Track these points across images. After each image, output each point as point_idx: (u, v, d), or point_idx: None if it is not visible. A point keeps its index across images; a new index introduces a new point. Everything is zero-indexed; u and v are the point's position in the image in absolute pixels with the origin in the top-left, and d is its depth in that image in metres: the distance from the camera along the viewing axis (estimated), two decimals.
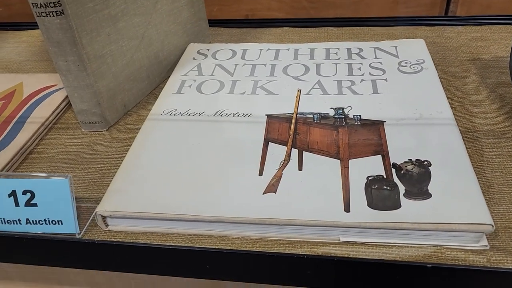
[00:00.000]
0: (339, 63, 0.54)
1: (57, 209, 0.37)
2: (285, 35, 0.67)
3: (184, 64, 0.57)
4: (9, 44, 0.72)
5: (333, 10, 1.50)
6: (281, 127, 0.45)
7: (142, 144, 0.44)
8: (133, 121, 0.52)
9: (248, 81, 0.53)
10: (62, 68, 0.46)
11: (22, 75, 0.61)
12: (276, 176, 0.39)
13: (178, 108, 0.49)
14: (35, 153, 0.49)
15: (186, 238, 0.37)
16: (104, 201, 0.38)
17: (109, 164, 0.46)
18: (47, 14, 0.42)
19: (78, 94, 0.48)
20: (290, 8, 1.53)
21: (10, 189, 0.37)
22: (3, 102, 0.55)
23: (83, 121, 0.50)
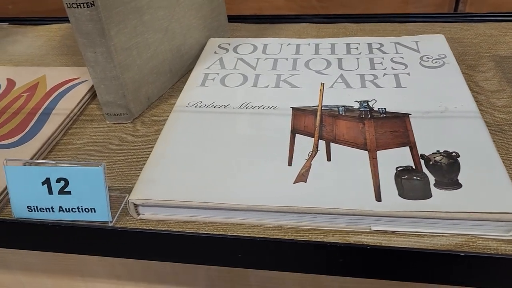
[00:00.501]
0: (360, 57, 0.55)
1: (90, 197, 0.38)
2: (304, 31, 0.67)
3: (206, 58, 0.57)
4: (29, 38, 0.73)
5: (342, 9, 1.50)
6: (307, 119, 0.45)
7: (170, 134, 0.45)
8: (157, 113, 0.52)
9: (271, 75, 0.53)
10: (90, 60, 0.47)
11: (44, 68, 0.62)
12: (305, 166, 0.40)
13: (203, 100, 0.49)
14: (61, 144, 0.49)
15: (218, 227, 0.37)
16: (136, 190, 0.38)
17: (136, 155, 0.46)
18: (78, 5, 0.43)
19: (104, 86, 0.48)
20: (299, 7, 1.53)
21: (44, 177, 0.38)
22: (27, 94, 0.56)
23: (108, 113, 0.51)
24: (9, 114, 0.52)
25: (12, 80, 0.59)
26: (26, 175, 0.38)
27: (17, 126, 0.50)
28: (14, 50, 0.69)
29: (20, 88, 0.57)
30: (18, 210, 0.39)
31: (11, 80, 0.59)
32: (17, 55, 0.68)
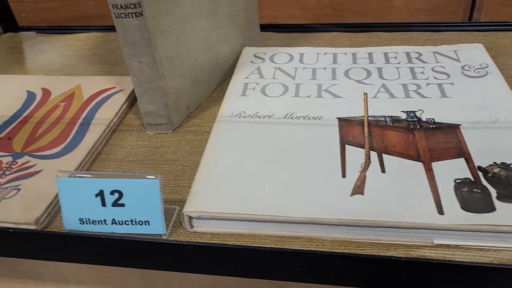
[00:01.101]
0: (400, 67, 0.54)
1: (145, 209, 0.37)
2: (336, 40, 0.67)
3: (243, 67, 0.57)
4: (58, 47, 0.73)
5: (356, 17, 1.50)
6: (354, 130, 0.45)
7: (217, 145, 0.44)
8: (197, 123, 0.52)
9: (311, 85, 0.53)
10: (135, 69, 0.46)
11: (78, 77, 0.61)
12: (360, 178, 0.39)
13: (246, 110, 0.49)
14: (103, 155, 0.49)
15: (275, 240, 0.37)
16: (190, 202, 0.38)
17: (181, 166, 0.46)
18: (126, 15, 0.43)
19: (147, 96, 0.48)
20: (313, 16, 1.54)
21: (98, 189, 0.37)
22: (64, 104, 0.55)
23: (149, 123, 0.50)
24: (48, 124, 0.52)
25: (47, 89, 0.58)
26: (79, 187, 0.38)
27: (58, 136, 0.50)
28: (45, 59, 0.69)
29: (56, 98, 0.57)
30: (70, 223, 0.39)
31: (46, 90, 0.58)
32: (48, 64, 0.68)
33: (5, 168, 0.46)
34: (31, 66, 0.68)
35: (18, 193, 0.42)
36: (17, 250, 0.40)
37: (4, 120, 0.53)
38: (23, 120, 0.53)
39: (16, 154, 0.47)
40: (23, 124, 0.52)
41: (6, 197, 0.42)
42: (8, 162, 0.46)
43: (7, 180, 0.44)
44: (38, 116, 0.54)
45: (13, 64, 0.68)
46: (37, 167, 0.45)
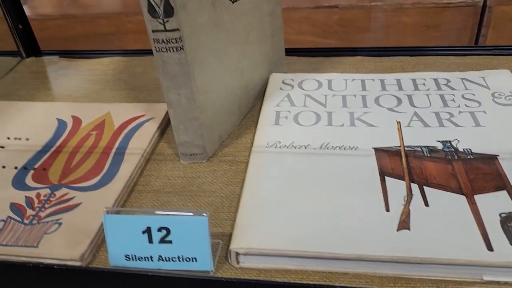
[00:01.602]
0: (430, 94, 0.55)
1: (192, 246, 0.37)
2: (360, 64, 0.67)
3: (273, 95, 0.57)
4: (82, 72, 0.73)
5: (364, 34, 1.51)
6: (392, 161, 0.45)
7: (256, 177, 0.44)
8: (231, 152, 0.52)
9: (343, 113, 0.53)
10: (173, 101, 0.47)
11: (107, 104, 0.62)
12: (404, 212, 0.39)
13: (281, 140, 0.49)
14: (139, 185, 0.49)
15: (323, 276, 0.37)
16: (237, 238, 0.38)
17: (219, 198, 0.46)
18: (168, 49, 0.43)
19: (183, 126, 0.48)
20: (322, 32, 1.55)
21: (145, 226, 0.37)
22: (96, 133, 0.56)
23: (184, 153, 0.51)
24: (82, 154, 0.52)
25: (77, 117, 0.59)
26: (126, 223, 0.38)
27: (94, 167, 0.50)
28: (70, 84, 0.69)
29: (87, 126, 0.57)
30: (115, 259, 0.39)
31: (76, 118, 0.59)
32: (75, 90, 0.68)
33: (43, 201, 0.46)
34: (58, 92, 0.68)
35: (60, 228, 0.42)
36: (62, 287, 0.40)
37: (37, 150, 0.53)
38: (57, 149, 0.53)
39: (54, 186, 0.48)
40: (57, 154, 0.53)
41: (48, 232, 0.42)
42: (46, 194, 0.47)
43: (47, 214, 0.44)
44: (71, 145, 0.54)
45: (39, 90, 0.69)
46: (76, 199, 0.46)
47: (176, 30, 0.42)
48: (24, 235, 0.42)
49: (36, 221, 0.43)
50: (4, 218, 0.44)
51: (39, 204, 0.45)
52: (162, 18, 0.41)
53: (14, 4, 0.74)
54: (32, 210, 0.45)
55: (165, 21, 0.41)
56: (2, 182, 0.49)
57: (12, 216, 0.44)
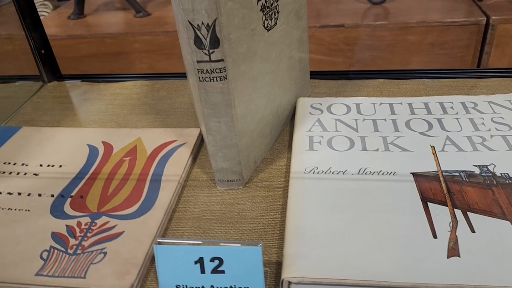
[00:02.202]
0: (459, 118, 0.56)
1: (245, 276, 0.37)
2: (383, 87, 0.68)
3: (303, 120, 0.58)
4: (106, 96, 0.73)
5: (369, 52, 1.54)
6: (432, 186, 0.45)
7: (299, 205, 0.45)
8: (266, 178, 0.52)
9: (375, 137, 0.54)
10: (212, 129, 0.47)
11: (137, 130, 0.62)
12: (451, 238, 0.40)
13: (318, 166, 0.50)
14: (178, 212, 0.49)
15: None
16: (288, 266, 0.38)
17: (261, 224, 0.46)
18: (211, 79, 0.44)
19: (222, 153, 0.49)
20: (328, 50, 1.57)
21: (197, 256, 0.38)
22: (128, 159, 0.56)
23: (221, 179, 0.51)
24: (117, 180, 0.52)
25: (108, 143, 0.59)
26: (178, 254, 0.38)
27: (131, 194, 0.50)
28: (96, 109, 0.70)
29: (120, 152, 0.57)
30: None
31: (107, 144, 0.59)
32: (101, 115, 0.68)
33: (85, 230, 0.46)
34: (84, 117, 0.68)
35: (105, 257, 0.42)
36: None
37: (72, 177, 0.54)
38: (91, 177, 0.53)
39: (94, 214, 0.48)
40: (93, 181, 0.53)
41: (94, 262, 0.42)
42: (87, 223, 0.47)
43: (91, 243, 0.44)
44: (106, 172, 0.54)
45: (65, 115, 0.69)
46: (118, 228, 0.46)
47: (220, 61, 0.43)
48: (70, 266, 0.42)
49: (80, 250, 0.43)
50: (47, 248, 0.44)
51: (81, 233, 0.45)
52: (208, 49, 0.42)
53: (37, 29, 0.75)
54: (75, 240, 0.45)
55: (210, 52, 0.42)
56: (40, 210, 0.49)
57: (55, 246, 0.44)
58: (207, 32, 0.41)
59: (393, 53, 1.51)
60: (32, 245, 0.44)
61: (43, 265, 0.42)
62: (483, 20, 1.32)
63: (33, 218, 0.48)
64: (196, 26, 0.41)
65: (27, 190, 0.52)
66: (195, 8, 0.40)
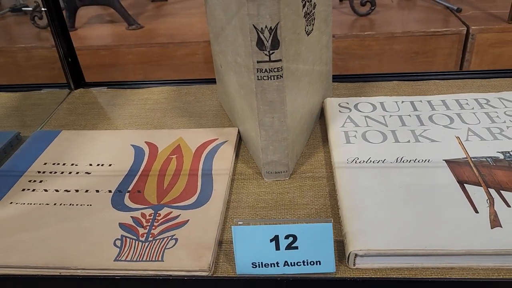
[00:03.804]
0: (476, 112, 0.62)
1: (317, 250, 0.41)
2: (398, 88, 0.74)
3: (334, 117, 0.63)
4: (135, 102, 0.76)
5: (358, 61, 1.61)
6: (465, 171, 0.51)
7: (350, 189, 0.49)
8: (309, 169, 0.57)
9: (404, 131, 0.59)
10: (266, 124, 0.51)
11: (176, 130, 0.65)
12: (491, 212, 0.45)
13: (359, 156, 0.54)
14: (233, 202, 0.52)
15: (433, 271, 0.41)
16: (352, 241, 0.42)
17: (313, 210, 0.50)
18: (269, 77, 0.48)
19: (273, 147, 0.53)
20: None
21: (273, 234, 0.41)
22: (175, 156, 0.59)
23: (269, 171, 0.55)
24: (170, 176, 0.56)
25: (152, 143, 0.62)
26: (255, 233, 0.42)
27: (187, 188, 0.53)
28: (128, 113, 0.73)
29: (165, 151, 0.61)
30: (242, 267, 0.42)
31: (151, 144, 0.62)
32: (135, 118, 0.71)
33: (151, 220, 0.49)
34: (119, 120, 0.71)
35: (177, 243, 0.45)
36: None
37: (124, 175, 0.56)
38: (143, 173, 0.56)
39: (155, 206, 0.51)
40: (145, 178, 0.56)
41: (168, 247, 0.45)
42: (151, 214, 0.50)
43: (160, 231, 0.47)
44: (156, 169, 0.57)
45: (99, 120, 0.72)
46: (182, 217, 0.49)
47: (279, 61, 0.47)
48: (145, 251, 0.45)
49: (151, 238, 0.46)
50: (118, 237, 0.47)
51: (147, 223, 0.48)
52: (269, 50, 0.46)
53: (65, 38, 0.78)
54: (143, 229, 0.48)
55: (270, 53, 0.47)
56: (102, 205, 0.51)
57: (125, 235, 0.47)
58: (269, 34, 0.46)
59: (381, 62, 1.59)
60: (103, 235, 0.47)
61: (119, 252, 0.45)
62: (463, 30, 1.41)
63: (96, 212, 0.51)
64: (260, 30, 0.45)
65: (84, 187, 0.54)
66: (260, 13, 0.45)
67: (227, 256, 0.45)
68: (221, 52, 0.61)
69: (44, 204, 0.52)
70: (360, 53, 1.56)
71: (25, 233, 0.48)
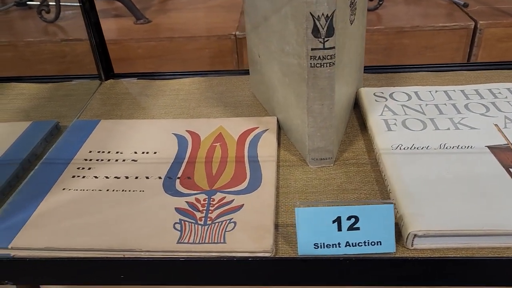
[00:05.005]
0: (509, 101, 0.63)
1: (378, 231, 0.43)
2: (427, 78, 0.76)
3: (371, 106, 0.64)
4: (167, 92, 0.77)
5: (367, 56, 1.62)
6: (508, 156, 0.52)
7: (399, 174, 0.51)
8: (351, 156, 0.58)
9: (443, 119, 0.60)
10: (315, 111, 0.53)
11: (214, 119, 0.66)
12: None
13: (403, 143, 0.56)
14: (282, 188, 0.54)
15: (489, 251, 0.43)
16: (411, 223, 0.44)
17: (363, 194, 0.52)
18: (322, 65, 0.49)
19: (320, 134, 0.54)
20: None
21: (335, 216, 0.43)
22: (219, 144, 0.60)
23: (314, 158, 0.56)
24: (217, 163, 0.57)
25: (193, 132, 0.63)
26: (317, 215, 0.43)
27: (236, 174, 0.54)
28: (162, 103, 0.74)
29: (207, 139, 0.61)
30: (304, 248, 0.43)
31: (192, 132, 0.63)
32: (169, 108, 0.72)
33: (206, 205, 0.50)
34: (154, 110, 0.72)
35: (236, 226, 0.47)
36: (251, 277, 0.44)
37: (171, 162, 0.57)
38: (190, 161, 0.57)
39: (208, 192, 0.52)
40: (192, 165, 0.57)
41: (228, 230, 0.46)
42: (205, 199, 0.51)
43: (217, 215, 0.48)
44: (202, 156, 0.58)
45: (134, 110, 0.72)
46: (236, 202, 0.50)
47: (332, 48, 0.49)
48: (206, 234, 0.46)
49: (210, 221, 0.47)
50: (177, 221, 0.48)
51: (203, 207, 0.49)
52: (323, 37, 0.48)
53: (97, 29, 0.78)
54: (200, 213, 0.49)
55: (325, 40, 0.48)
56: (154, 190, 0.52)
57: (183, 219, 0.48)
58: (325, 22, 0.47)
59: (390, 56, 1.60)
60: (161, 219, 0.48)
61: (180, 235, 0.46)
62: (471, 25, 1.43)
63: (150, 197, 0.52)
64: (316, 17, 0.46)
65: (133, 174, 0.55)
66: (318, 1, 0.46)
67: (285, 239, 0.46)
68: (261, 42, 0.63)
69: (97, 190, 0.53)
70: (368, 48, 1.57)
71: (84, 218, 0.49)
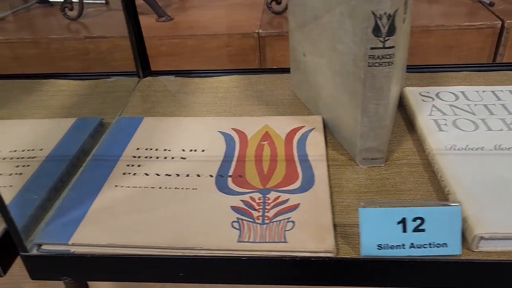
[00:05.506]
0: None
1: (444, 233, 0.42)
2: (471, 78, 0.75)
3: (419, 106, 0.64)
4: (206, 90, 0.77)
5: None
6: None
7: (457, 174, 0.50)
8: (402, 156, 0.57)
9: (494, 119, 0.60)
10: (370, 110, 0.52)
11: (259, 118, 0.66)
12: None
13: (456, 144, 0.55)
14: (335, 187, 0.53)
15: None
16: (477, 225, 0.43)
17: (419, 195, 0.51)
18: (380, 64, 0.49)
19: (374, 134, 0.54)
20: None
21: (400, 217, 0.42)
22: (267, 143, 0.60)
23: (365, 158, 0.56)
24: (267, 162, 0.56)
25: (240, 130, 0.63)
26: (381, 216, 0.42)
27: (288, 173, 0.54)
28: (203, 101, 0.73)
29: (254, 137, 0.61)
30: (367, 249, 0.43)
31: (238, 130, 0.63)
32: (211, 106, 0.72)
33: (261, 204, 0.50)
34: (195, 108, 0.72)
35: (295, 225, 0.46)
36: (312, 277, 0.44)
37: (220, 160, 0.57)
38: (239, 159, 0.57)
39: (262, 190, 0.52)
40: (243, 163, 0.56)
41: (287, 229, 0.46)
42: (260, 197, 0.51)
43: (274, 214, 0.48)
44: (251, 155, 0.58)
45: (175, 108, 0.72)
46: (292, 201, 0.50)
47: (392, 47, 0.48)
48: (266, 233, 0.46)
49: (268, 220, 0.47)
50: (234, 220, 0.48)
51: (259, 206, 0.49)
52: (384, 37, 0.47)
53: (137, 27, 0.78)
54: (257, 212, 0.49)
55: (385, 39, 0.47)
56: (207, 188, 0.52)
57: (241, 217, 0.48)
58: (387, 21, 0.46)
59: (415, 55, 1.59)
60: (218, 217, 0.48)
61: (240, 233, 0.46)
62: (498, 24, 1.41)
63: (204, 195, 0.51)
64: (378, 16, 0.46)
65: (184, 172, 0.55)
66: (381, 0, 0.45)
67: (344, 239, 0.46)
68: (308, 41, 0.62)
69: (149, 188, 0.53)
70: None
71: (141, 215, 0.49)
